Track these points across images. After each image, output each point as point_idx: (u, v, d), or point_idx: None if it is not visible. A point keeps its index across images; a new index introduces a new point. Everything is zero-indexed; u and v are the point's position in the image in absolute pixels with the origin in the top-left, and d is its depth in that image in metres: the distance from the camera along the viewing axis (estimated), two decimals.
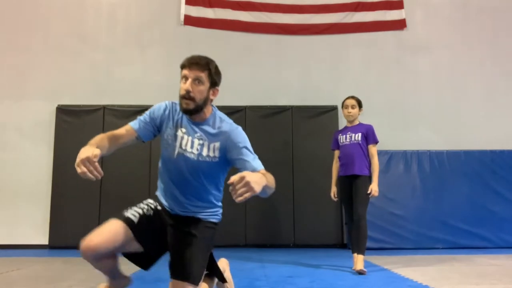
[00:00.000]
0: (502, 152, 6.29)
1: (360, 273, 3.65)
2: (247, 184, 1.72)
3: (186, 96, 2.14)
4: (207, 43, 6.97)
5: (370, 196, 3.89)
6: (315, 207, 6.21)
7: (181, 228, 2.21)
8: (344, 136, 4.12)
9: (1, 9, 6.92)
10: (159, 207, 2.32)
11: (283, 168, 6.40)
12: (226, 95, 6.89)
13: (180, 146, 2.20)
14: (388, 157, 6.21)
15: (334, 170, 4.25)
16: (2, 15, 6.90)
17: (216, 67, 2.24)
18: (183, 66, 2.23)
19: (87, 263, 2.11)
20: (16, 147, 6.59)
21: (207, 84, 2.18)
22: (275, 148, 6.54)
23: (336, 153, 4.22)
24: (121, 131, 2.24)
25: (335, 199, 4.23)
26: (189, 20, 7.01)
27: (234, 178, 1.72)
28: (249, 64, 6.96)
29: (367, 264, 4.09)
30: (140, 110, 6.62)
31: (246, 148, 2.16)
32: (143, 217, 2.25)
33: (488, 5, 7.13)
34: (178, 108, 2.23)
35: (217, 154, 2.18)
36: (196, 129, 2.20)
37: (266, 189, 1.93)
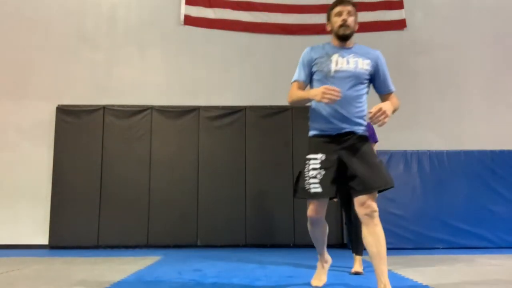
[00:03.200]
0: (502, 152, 6.29)
1: (357, 273, 3.63)
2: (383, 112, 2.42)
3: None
4: (207, 43, 6.98)
5: None
6: None
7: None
8: None
9: (1, 9, 6.92)
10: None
11: (283, 168, 6.40)
12: (226, 95, 6.93)
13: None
14: (388, 157, 6.21)
15: None
16: (3, 15, 6.90)
17: None
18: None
19: (87, 263, 2.12)
20: (16, 147, 6.59)
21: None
22: (275, 148, 6.54)
23: None
24: None
25: (336, 200, 4.16)
26: (189, 20, 7.01)
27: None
28: (249, 64, 6.96)
29: (367, 264, 4.08)
30: (140, 110, 6.69)
31: None
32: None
33: (488, 5, 7.13)
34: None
35: None
36: None
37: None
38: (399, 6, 7.09)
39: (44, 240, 6.32)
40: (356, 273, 3.64)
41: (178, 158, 6.55)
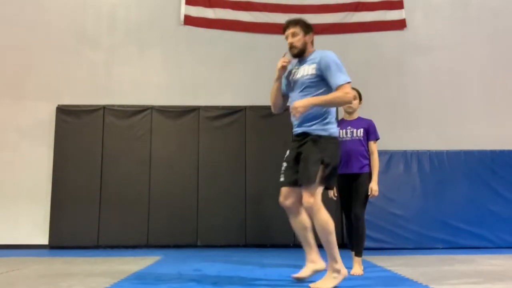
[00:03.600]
0: (502, 152, 6.29)
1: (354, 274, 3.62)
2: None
3: None
4: (207, 43, 6.98)
5: (370, 196, 3.83)
6: None
7: None
8: (344, 131, 3.89)
9: (1, 9, 6.92)
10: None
11: None
12: (226, 95, 6.93)
13: None
14: (388, 157, 6.21)
15: None
16: (3, 15, 6.90)
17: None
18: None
19: (87, 263, 2.11)
20: (16, 147, 6.59)
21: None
22: (275, 148, 6.52)
23: None
24: None
25: (335, 198, 4.11)
26: (189, 20, 7.01)
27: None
28: (249, 64, 6.96)
29: (367, 264, 4.08)
30: (140, 110, 6.69)
31: None
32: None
33: (488, 5, 7.13)
34: None
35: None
36: None
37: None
38: (399, 6, 7.09)
39: (44, 240, 6.32)
40: (356, 274, 3.63)
41: (178, 158, 6.55)
